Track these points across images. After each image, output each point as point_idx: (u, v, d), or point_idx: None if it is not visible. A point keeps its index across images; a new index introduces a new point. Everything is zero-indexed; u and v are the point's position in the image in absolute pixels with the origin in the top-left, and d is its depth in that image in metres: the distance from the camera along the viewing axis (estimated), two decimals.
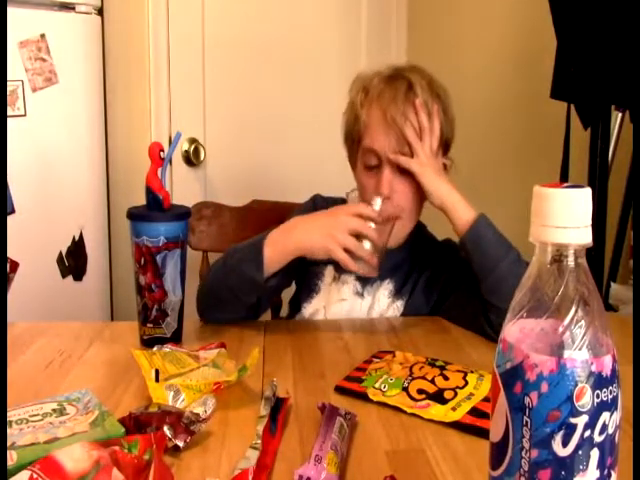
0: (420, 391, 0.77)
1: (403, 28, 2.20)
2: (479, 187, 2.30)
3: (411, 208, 1.12)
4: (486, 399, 0.74)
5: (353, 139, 1.14)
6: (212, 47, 2.00)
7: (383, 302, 1.15)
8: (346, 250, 0.97)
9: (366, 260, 0.99)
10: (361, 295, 1.16)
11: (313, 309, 1.18)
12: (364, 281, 1.16)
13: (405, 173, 1.09)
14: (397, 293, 1.16)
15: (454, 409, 0.73)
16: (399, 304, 1.15)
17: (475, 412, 0.72)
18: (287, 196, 1.52)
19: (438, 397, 0.75)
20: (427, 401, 0.75)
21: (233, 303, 1.04)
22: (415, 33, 2.20)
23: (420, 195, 1.11)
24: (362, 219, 0.99)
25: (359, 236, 0.99)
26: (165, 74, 1.96)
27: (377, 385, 0.79)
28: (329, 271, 1.18)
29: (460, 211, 1.04)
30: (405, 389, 0.78)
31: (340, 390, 0.81)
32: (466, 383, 0.78)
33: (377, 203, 1.03)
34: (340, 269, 1.15)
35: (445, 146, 1.14)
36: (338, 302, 1.16)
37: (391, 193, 1.08)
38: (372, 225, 1.00)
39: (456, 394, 0.76)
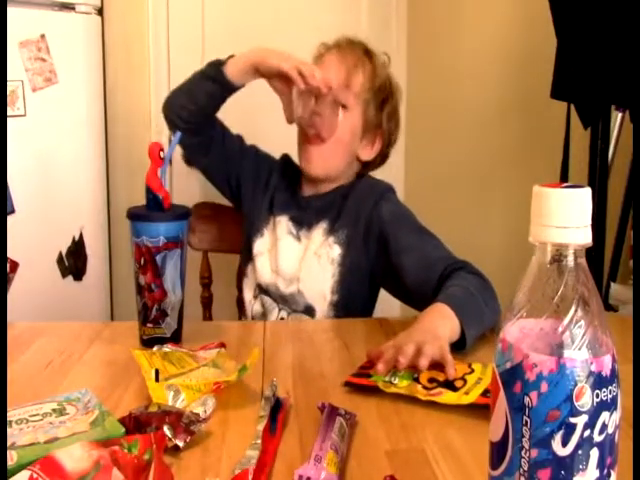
0: (431, 380, 0.79)
1: (403, 27, 2.20)
2: (479, 187, 2.31)
3: (336, 139, 1.22)
4: None
5: None
6: (212, 47, 1.99)
7: (317, 240, 1.23)
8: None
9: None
10: (298, 238, 1.25)
11: (262, 247, 1.28)
12: (299, 224, 1.26)
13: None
14: (330, 230, 1.23)
15: (467, 393, 0.75)
16: (331, 241, 1.22)
17: (487, 393, 0.72)
18: None
19: (449, 385, 0.77)
20: (439, 389, 0.77)
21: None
22: (415, 32, 2.20)
23: (349, 139, 1.24)
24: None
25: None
26: (165, 74, 1.95)
27: (387, 379, 0.80)
28: (269, 218, 1.30)
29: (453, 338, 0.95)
30: (416, 379, 0.79)
31: (350, 386, 0.81)
32: (472, 371, 0.80)
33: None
34: (275, 209, 1.28)
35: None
36: (278, 241, 1.26)
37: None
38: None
39: (465, 381, 0.78)
